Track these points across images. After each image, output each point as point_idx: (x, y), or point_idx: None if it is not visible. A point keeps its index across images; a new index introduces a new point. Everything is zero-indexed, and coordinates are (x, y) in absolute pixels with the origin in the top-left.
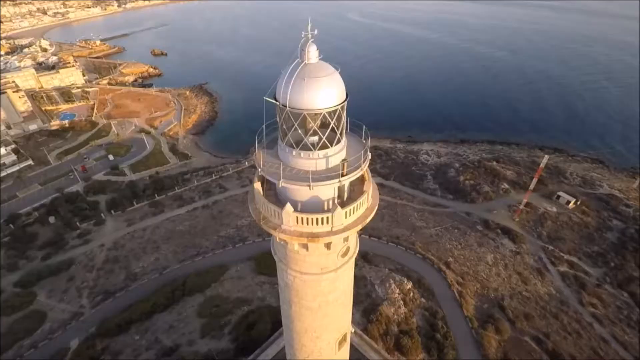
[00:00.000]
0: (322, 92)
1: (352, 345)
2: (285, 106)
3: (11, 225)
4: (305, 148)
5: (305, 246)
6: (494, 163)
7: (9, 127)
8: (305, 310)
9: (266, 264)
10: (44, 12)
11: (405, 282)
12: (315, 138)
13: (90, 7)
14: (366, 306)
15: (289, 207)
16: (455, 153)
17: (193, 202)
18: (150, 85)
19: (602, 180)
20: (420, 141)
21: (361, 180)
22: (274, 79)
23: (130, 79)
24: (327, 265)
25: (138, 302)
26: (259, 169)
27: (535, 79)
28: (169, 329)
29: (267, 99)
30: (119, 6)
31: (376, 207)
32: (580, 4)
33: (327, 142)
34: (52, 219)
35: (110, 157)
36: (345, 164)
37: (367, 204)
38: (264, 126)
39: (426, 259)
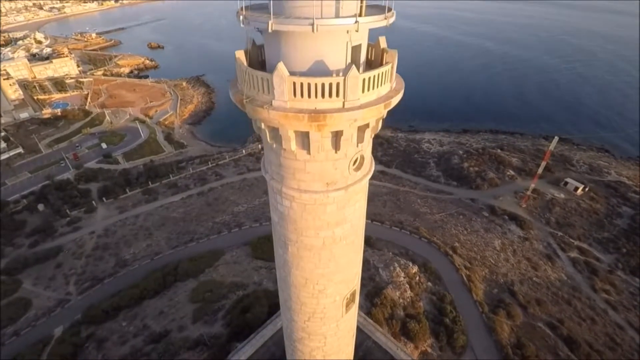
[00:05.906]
0: None
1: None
2: None
3: None
4: None
5: (307, 146)
6: (499, 150)
7: None
8: (306, 252)
9: (263, 249)
10: (40, 7)
11: (411, 266)
12: None
13: (86, 2)
14: (370, 289)
15: (282, 67)
16: (458, 142)
17: (188, 190)
18: (146, 77)
19: (610, 168)
20: (421, 130)
21: (379, 61)
22: None
23: (126, 70)
24: (335, 180)
25: (127, 288)
26: (241, 19)
27: (536, 71)
28: (159, 314)
29: None
30: (115, 1)
31: (401, 93)
32: (587, 4)
33: None
34: (41, 207)
35: (104, 145)
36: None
37: (390, 81)
38: None
39: (431, 243)
